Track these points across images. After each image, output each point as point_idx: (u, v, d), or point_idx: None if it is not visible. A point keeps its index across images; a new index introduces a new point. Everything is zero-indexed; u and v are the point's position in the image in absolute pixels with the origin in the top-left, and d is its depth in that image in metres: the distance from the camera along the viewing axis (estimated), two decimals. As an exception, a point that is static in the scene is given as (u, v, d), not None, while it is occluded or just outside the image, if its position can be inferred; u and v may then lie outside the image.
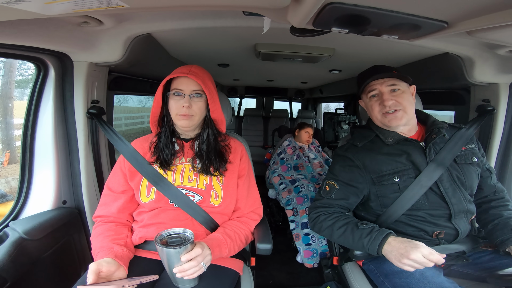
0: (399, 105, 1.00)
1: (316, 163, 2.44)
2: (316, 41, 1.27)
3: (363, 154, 1.06)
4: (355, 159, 1.06)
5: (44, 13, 0.61)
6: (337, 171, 1.09)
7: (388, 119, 1.03)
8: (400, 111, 1.01)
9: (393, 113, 1.01)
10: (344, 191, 1.05)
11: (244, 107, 4.68)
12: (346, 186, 1.05)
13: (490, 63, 1.13)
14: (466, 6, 0.59)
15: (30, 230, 0.99)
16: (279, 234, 2.34)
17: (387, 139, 1.05)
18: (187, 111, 0.94)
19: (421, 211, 0.98)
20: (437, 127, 1.04)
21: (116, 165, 1.03)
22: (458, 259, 0.95)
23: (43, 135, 1.13)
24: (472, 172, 1.03)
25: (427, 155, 1.02)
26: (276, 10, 0.67)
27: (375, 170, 1.03)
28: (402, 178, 1.00)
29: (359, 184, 1.05)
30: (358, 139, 1.11)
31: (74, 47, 1.00)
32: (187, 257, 0.75)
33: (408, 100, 1.02)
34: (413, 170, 1.01)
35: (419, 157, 1.02)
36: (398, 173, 1.01)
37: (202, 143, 1.01)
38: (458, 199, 0.98)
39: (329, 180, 1.09)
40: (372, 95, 1.06)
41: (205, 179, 0.99)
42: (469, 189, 1.02)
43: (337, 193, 1.05)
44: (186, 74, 0.92)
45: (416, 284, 0.85)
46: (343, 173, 1.07)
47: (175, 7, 0.65)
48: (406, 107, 1.01)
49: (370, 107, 1.08)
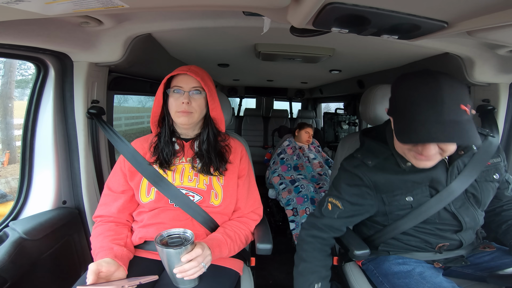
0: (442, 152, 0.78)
1: (316, 163, 2.44)
2: (316, 41, 1.27)
3: (375, 173, 0.91)
4: (365, 178, 0.92)
5: (44, 13, 0.61)
6: (343, 189, 0.94)
7: (417, 160, 0.81)
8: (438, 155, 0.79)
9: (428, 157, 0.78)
10: (349, 212, 0.93)
11: (244, 107, 4.68)
12: (352, 206, 0.93)
13: (490, 63, 1.13)
14: (466, 6, 0.59)
15: (30, 230, 0.99)
16: (279, 234, 2.34)
17: (404, 164, 0.88)
18: (186, 108, 0.94)
19: (430, 225, 0.92)
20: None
21: (116, 165, 1.03)
22: (456, 262, 0.94)
23: (43, 135, 1.13)
24: (490, 189, 0.93)
25: (449, 174, 0.88)
26: (276, 10, 0.67)
27: (387, 190, 0.91)
28: (416, 197, 0.90)
29: (366, 205, 0.94)
30: (369, 156, 0.93)
31: (74, 47, 1.00)
32: (187, 257, 0.75)
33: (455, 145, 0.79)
34: (428, 188, 0.89)
35: (440, 175, 0.88)
36: (412, 192, 0.90)
37: (202, 142, 1.01)
38: (472, 217, 0.91)
39: (333, 198, 0.95)
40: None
41: (205, 179, 0.99)
42: (483, 206, 0.94)
43: (341, 214, 0.93)
44: (185, 71, 0.93)
45: (415, 284, 0.85)
46: (350, 192, 0.93)
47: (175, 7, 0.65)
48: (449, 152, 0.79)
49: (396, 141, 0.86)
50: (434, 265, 0.94)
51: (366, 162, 0.92)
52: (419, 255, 0.97)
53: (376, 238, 1.00)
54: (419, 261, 0.95)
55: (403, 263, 0.94)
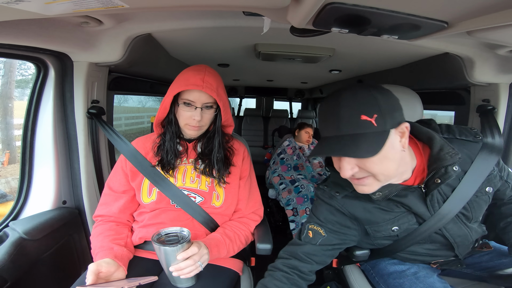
0: (365, 172, 0.69)
1: (316, 163, 2.44)
2: (316, 41, 1.27)
3: (350, 205, 0.84)
4: (343, 209, 0.85)
5: (44, 13, 0.61)
6: (323, 216, 0.86)
7: (354, 185, 0.75)
8: (369, 178, 0.70)
9: (359, 180, 0.71)
10: (332, 240, 0.85)
11: (244, 107, 4.69)
12: (334, 234, 0.85)
13: (490, 63, 1.13)
14: (466, 6, 0.59)
15: (30, 230, 0.99)
16: (279, 234, 2.33)
17: (373, 194, 0.76)
18: (197, 123, 0.92)
19: (420, 247, 0.87)
20: (443, 165, 0.73)
21: (117, 165, 1.02)
22: (452, 264, 0.92)
23: (43, 135, 1.13)
24: (482, 203, 0.84)
25: (429, 206, 0.79)
26: (276, 10, 0.67)
27: (370, 222, 0.84)
28: (402, 227, 0.83)
29: (350, 232, 0.86)
30: (335, 188, 0.86)
31: (74, 47, 1.00)
32: (183, 255, 0.75)
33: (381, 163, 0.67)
34: (414, 216, 0.82)
35: (421, 206, 0.80)
36: (397, 222, 0.82)
37: (207, 147, 1.00)
38: (464, 236, 0.85)
39: (314, 224, 0.86)
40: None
41: (207, 180, 0.99)
42: (475, 220, 0.86)
43: (324, 241, 0.84)
44: (201, 87, 0.87)
45: (408, 284, 0.85)
46: (332, 220, 0.85)
47: (175, 7, 0.65)
48: (377, 174, 0.68)
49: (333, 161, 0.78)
50: (430, 265, 0.94)
51: (334, 194, 0.85)
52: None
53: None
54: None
55: (398, 263, 0.94)
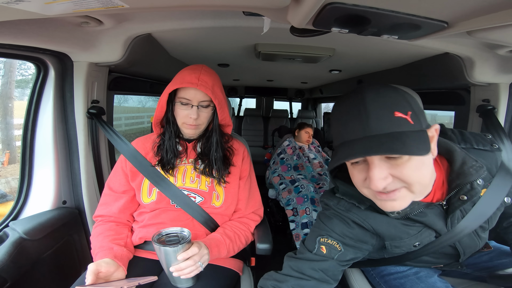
0: (399, 182, 0.60)
1: (316, 163, 2.44)
2: (316, 41, 1.27)
3: (372, 218, 0.74)
4: (363, 223, 0.74)
5: (44, 13, 0.61)
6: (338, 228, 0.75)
7: (379, 201, 0.64)
8: (401, 190, 0.61)
9: (389, 194, 0.61)
10: (349, 253, 0.74)
11: (244, 107, 4.69)
12: (352, 248, 0.75)
13: (490, 63, 1.13)
14: (466, 6, 0.59)
15: (30, 230, 0.99)
16: (279, 234, 2.33)
17: (391, 213, 0.70)
18: (194, 122, 0.93)
19: (427, 256, 0.83)
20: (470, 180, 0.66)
21: (117, 165, 1.02)
22: (452, 266, 0.92)
23: (43, 135, 1.13)
24: (498, 213, 0.79)
25: (448, 223, 0.73)
26: (276, 10, 0.67)
27: (393, 237, 0.75)
28: (423, 242, 0.76)
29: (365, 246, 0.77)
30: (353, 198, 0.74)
31: (74, 47, 1.00)
32: (183, 255, 0.75)
33: (418, 170, 0.59)
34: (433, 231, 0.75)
35: (440, 224, 0.73)
36: (419, 237, 0.75)
37: (207, 147, 1.00)
38: (473, 246, 0.82)
39: (326, 237, 0.74)
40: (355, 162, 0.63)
41: (207, 180, 0.99)
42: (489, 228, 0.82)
43: (341, 256, 0.73)
44: (195, 85, 0.88)
45: (410, 284, 0.85)
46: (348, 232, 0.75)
47: (175, 7, 0.65)
48: (413, 183, 0.59)
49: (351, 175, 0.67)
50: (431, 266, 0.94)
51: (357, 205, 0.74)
52: None
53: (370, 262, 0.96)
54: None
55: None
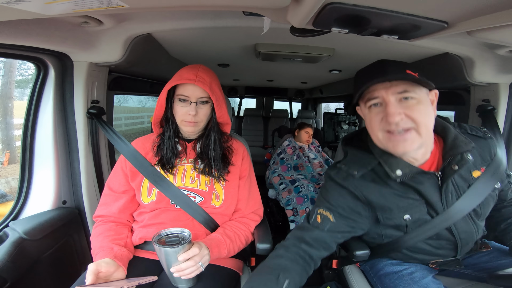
0: (410, 121, 0.71)
1: (316, 163, 2.44)
2: (316, 41, 1.27)
3: (366, 187, 0.82)
4: (357, 192, 0.83)
5: (44, 13, 0.61)
6: (334, 199, 0.84)
7: (392, 143, 0.74)
8: (412, 132, 0.72)
9: (402, 135, 0.72)
10: (341, 226, 0.83)
11: (244, 107, 4.69)
12: (344, 220, 0.83)
13: (490, 63, 1.13)
14: (466, 6, 0.59)
15: (30, 230, 0.99)
16: (279, 234, 2.33)
17: (394, 172, 0.77)
18: (192, 119, 0.93)
19: (424, 243, 0.86)
20: (460, 150, 0.77)
21: (117, 165, 1.02)
22: (451, 265, 0.92)
23: (43, 135, 1.13)
24: (490, 199, 0.85)
25: (443, 191, 0.79)
26: (276, 10, 0.67)
27: (383, 208, 0.82)
28: (413, 216, 0.82)
29: (360, 219, 0.84)
30: (353, 166, 0.84)
31: (74, 47, 1.00)
32: (184, 256, 0.75)
33: (425, 114, 0.72)
34: (425, 205, 0.81)
35: (433, 191, 0.79)
36: (409, 210, 0.81)
37: (206, 146, 1.00)
38: (469, 232, 0.84)
39: (322, 209, 0.85)
40: (374, 104, 0.76)
41: (207, 180, 0.99)
42: (483, 216, 0.87)
43: (332, 227, 0.83)
44: (193, 81, 0.89)
45: (403, 285, 0.85)
46: (342, 203, 0.84)
47: (175, 7, 0.65)
48: (420, 124, 0.71)
49: (369, 121, 0.79)
50: (429, 265, 0.94)
51: (351, 173, 0.83)
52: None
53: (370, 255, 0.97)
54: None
55: (397, 264, 0.94)
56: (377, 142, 0.80)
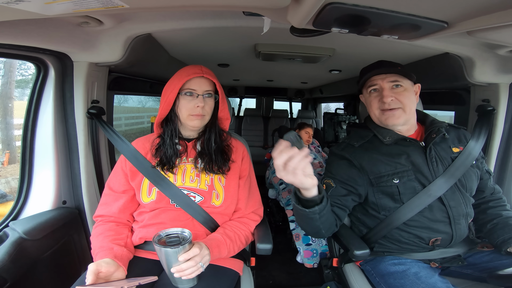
0: (398, 103, 0.97)
1: (316, 163, 2.44)
2: (316, 41, 1.27)
3: (361, 154, 1.03)
4: (352, 158, 1.03)
5: (44, 13, 0.61)
6: (334, 169, 1.05)
7: (385, 116, 1.00)
8: (398, 110, 0.98)
9: (391, 111, 0.98)
10: (341, 189, 1.01)
11: (244, 107, 4.69)
12: (343, 185, 1.01)
13: (490, 63, 1.13)
14: (466, 6, 0.59)
15: (30, 230, 0.99)
16: (279, 234, 2.33)
17: (385, 138, 1.01)
18: (200, 111, 0.94)
19: (419, 215, 0.95)
20: (436, 126, 1.01)
21: (117, 165, 1.02)
22: (453, 262, 0.94)
23: (43, 135, 1.13)
24: (472, 174, 1.01)
25: (428, 156, 0.99)
26: (276, 10, 0.67)
27: (373, 171, 0.99)
28: (402, 180, 0.96)
29: (356, 185, 1.01)
30: (355, 138, 1.08)
31: (74, 47, 1.00)
32: (184, 256, 0.75)
33: (409, 99, 0.98)
34: (413, 172, 0.97)
35: (419, 158, 0.98)
36: (397, 174, 0.97)
37: (207, 141, 1.01)
38: (457, 201, 0.96)
39: (326, 178, 1.04)
40: (373, 89, 1.02)
41: (207, 179, 0.99)
42: (469, 191, 1.00)
43: (334, 191, 1.01)
44: (201, 74, 0.93)
45: (410, 284, 0.85)
46: (340, 171, 1.03)
47: (175, 7, 0.65)
48: (406, 105, 0.97)
49: (369, 103, 1.05)
50: (430, 265, 0.94)
51: (352, 143, 1.06)
52: (415, 255, 0.98)
53: (371, 236, 1.02)
54: (415, 261, 0.95)
55: (399, 264, 0.94)
56: (374, 117, 1.06)
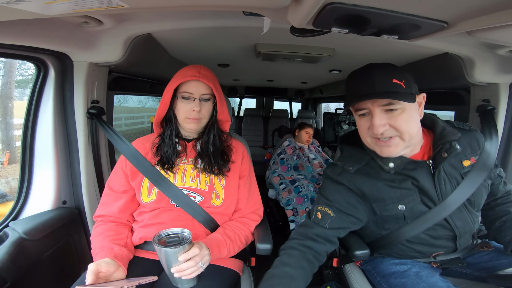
0: (393, 131, 0.79)
1: (316, 163, 2.44)
2: (316, 41, 1.27)
3: (360, 180, 0.89)
4: (351, 185, 0.89)
5: (44, 13, 0.61)
6: (331, 195, 0.90)
7: (379, 147, 0.83)
8: (395, 138, 0.80)
9: (386, 141, 0.80)
10: (341, 222, 0.88)
11: (244, 107, 4.69)
12: (342, 215, 0.88)
13: (490, 63, 1.13)
14: (466, 6, 0.59)
15: (30, 230, 0.99)
16: (279, 234, 2.33)
17: (386, 165, 0.85)
18: (197, 115, 0.94)
19: (422, 233, 0.88)
20: (448, 140, 0.83)
21: (117, 165, 1.02)
22: (453, 263, 0.93)
23: (43, 135, 1.13)
24: (483, 189, 0.90)
25: (436, 179, 0.85)
26: (276, 10, 0.67)
27: (377, 199, 0.88)
28: (408, 206, 0.86)
29: (358, 213, 0.89)
30: (349, 162, 0.91)
31: (74, 47, 1.00)
32: (184, 256, 0.75)
33: (407, 122, 0.78)
34: (418, 193, 0.86)
35: (427, 181, 0.85)
36: (403, 200, 0.86)
37: (206, 143, 1.01)
38: (464, 221, 0.88)
39: (322, 205, 0.90)
40: (361, 114, 0.83)
41: (207, 179, 0.99)
42: (477, 207, 0.90)
43: (332, 222, 0.87)
44: (198, 77, 0.91)
45: (411, 284, 0.85)
46: (339, 198, 0.89)
47: (175, 7, 0.65)
48: (404, 132, 0.78)
49: (358, 126, 0.87)
50: (431, 264, 0.94)
51: (347, 168, 0.90)
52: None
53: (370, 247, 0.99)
54: (416, 261, 0.95)
55: (400, 263, 0.94)
56: (366, 144, 0.88)
